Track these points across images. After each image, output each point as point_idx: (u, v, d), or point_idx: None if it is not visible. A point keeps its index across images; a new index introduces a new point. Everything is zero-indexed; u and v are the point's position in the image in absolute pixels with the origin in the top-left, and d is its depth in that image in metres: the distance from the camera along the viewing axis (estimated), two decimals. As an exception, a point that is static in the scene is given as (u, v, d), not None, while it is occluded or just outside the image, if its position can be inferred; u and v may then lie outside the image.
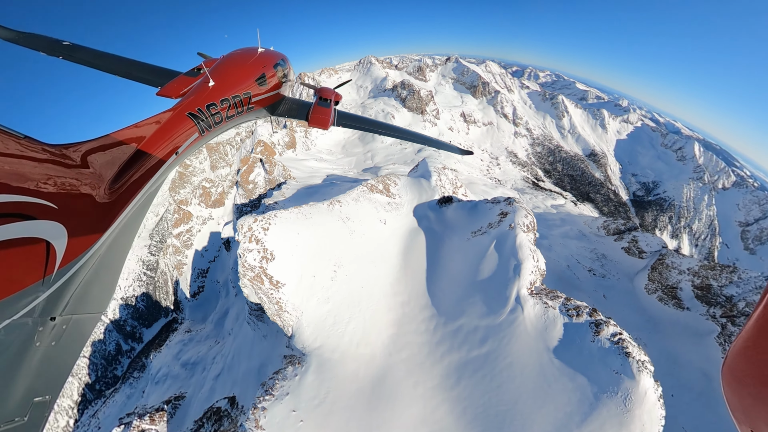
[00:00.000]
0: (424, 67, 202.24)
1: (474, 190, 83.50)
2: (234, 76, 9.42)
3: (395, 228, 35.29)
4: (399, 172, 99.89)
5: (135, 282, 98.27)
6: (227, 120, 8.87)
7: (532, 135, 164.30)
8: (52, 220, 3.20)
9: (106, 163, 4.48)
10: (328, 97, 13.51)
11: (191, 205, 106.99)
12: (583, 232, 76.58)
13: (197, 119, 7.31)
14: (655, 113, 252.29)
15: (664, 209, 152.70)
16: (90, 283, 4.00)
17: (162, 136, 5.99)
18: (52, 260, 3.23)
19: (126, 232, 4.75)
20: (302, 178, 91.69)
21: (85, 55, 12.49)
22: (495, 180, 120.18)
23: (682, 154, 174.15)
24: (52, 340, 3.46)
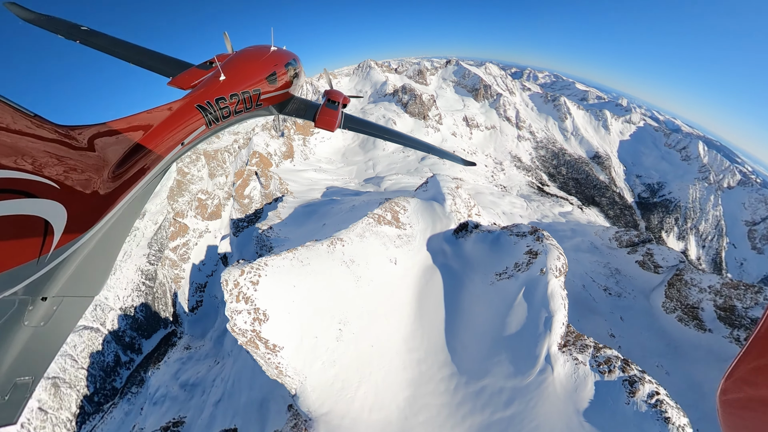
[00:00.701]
0: (424, 71, 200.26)
1: (482, 202, 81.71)
2: (245, 73, 9.46)
3: (407, 267, 32.28)
4: (403, 182, 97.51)
5: (134, 292, 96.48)
6: (235, 115, 8.92)
7: (535, 138, 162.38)
8: (53, 200, 3.20)
9: (112, 147, 4.51)
10: (337, 100, 13.61)
11: (187, 217, 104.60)
12: (594, 244, 74.78)
13: (205, 112, 7.37)
14: (655, 111, 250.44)
15: (670, 211, 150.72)
16: (85, 266, 3.97)
17: (170, 125, 6.00)
18: (49, 240, 3.20)
19: (125, 218, 4.75)
20: (300, 191, 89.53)
21: (102, 41, 12.66)
22: (500, 187, 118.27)
23: (686, 154, 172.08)
24: (42, 320, 3.46)
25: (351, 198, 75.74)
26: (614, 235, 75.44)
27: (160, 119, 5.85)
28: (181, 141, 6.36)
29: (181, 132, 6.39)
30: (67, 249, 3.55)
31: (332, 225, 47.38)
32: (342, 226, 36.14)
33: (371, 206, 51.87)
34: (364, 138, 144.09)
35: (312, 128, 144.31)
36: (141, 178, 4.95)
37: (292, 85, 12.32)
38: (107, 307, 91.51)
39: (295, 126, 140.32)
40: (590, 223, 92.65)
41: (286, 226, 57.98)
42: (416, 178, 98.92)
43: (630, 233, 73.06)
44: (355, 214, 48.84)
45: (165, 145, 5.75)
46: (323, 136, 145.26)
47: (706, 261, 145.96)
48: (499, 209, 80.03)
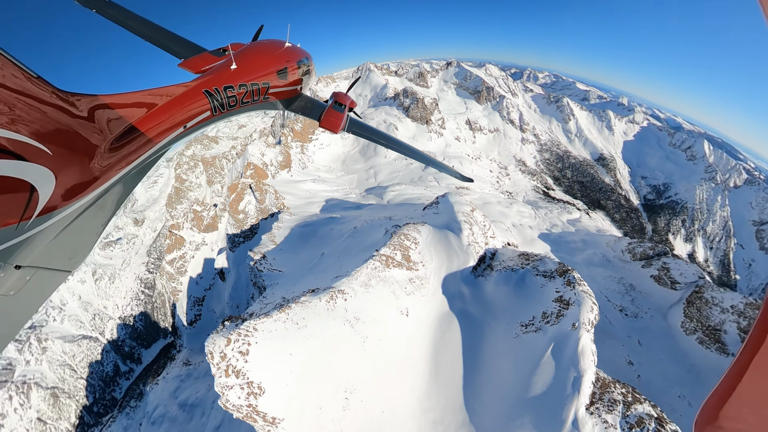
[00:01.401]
0: (425, 73, 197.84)
1: (490, 213, 79.82)
2: (256, 64, 9.40)
3: (421, 318, 29.08)
4: (407, 194, 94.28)
5: (133, 301, 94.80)
6: (241, 105, 8.83)
7: (539, 141, 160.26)
8: (43, 166, 3.06)
9: (113, 121, 4.40)
10: (344, 103, 13.58)
11: (183, 229, 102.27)
12: (607, 257, 72.95)
13: (212, 98, 7.30)
14: (656, 109, 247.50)
15: (677, 212, 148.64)
16: (66, 239, 3.77)
17: (175, 106, 5.95)
18: (32, 206, 3.06)
19: (116, 195, 4.58)
20: (298, 206, 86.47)
21: (117, 12, 12.47)
22: (507, 194, 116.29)
23: (691, 154, 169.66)
24: (11, 289, 3.27)
25: (352, 213, 73.00)
26: (627, 247, 73.57)
27: (165, 99, 5.77)
28: (183, 124, 6.28)
29: (185, 115, 6.30)
30: (50, 218, 3.38)
31: (332, 255, 44.37)
32: (343, 259, 33.64)
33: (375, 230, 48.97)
34: (364, 144, 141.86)
35: (310, 135, 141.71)
36: (138, 156, 4.81)
37: (301, 83, 12.31)
38: (106, 316, 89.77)
39: (292, 133, 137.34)
40: (600, 231, 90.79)
41: (281, 253, 54.03)
42: (420, 188, 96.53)
43: (644, 245, 71.20)
44: (358, 242, 45.94)
45: (167, 125, 5.63)
46: (322, 143, 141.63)
47: (714, 263, 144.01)
48: (508, 221, 78.02)
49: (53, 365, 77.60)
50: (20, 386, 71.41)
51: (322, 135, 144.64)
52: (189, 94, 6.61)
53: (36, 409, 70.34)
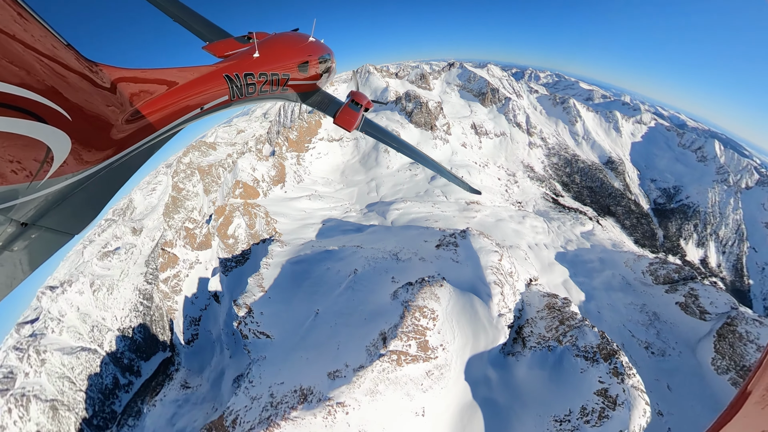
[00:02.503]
0: (427, 75, 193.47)
1: (505, 233, 76.44)
2: (279, 55, 9.54)
3: (439, 413, 25.03)
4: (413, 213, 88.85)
5: (132, 312, 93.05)
6: (260, 93, 8.84)
7: (547, 145, 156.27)
8: (61, 130, 3.16)
9: (134, 94, 4.50)
10: (360, 102, 13.63)
11: (176, 247, 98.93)
12: (627, 280, 69.65)
13: (232, 83, 7.34)
14: (658, 107, 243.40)
15: (689, 217, 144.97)
16: (74, 203, 3.88)
17: (195, 86, 6.05)
18: (46, 167, 3.17)
19: (127, 166, 4.64)
20: (291, 230, 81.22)
21: None
22: (517, 205, 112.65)
23: (702, 154, 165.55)
24: (15, 245, 3.36)
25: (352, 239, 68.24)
26: (648, 268, 70.23)
27: (186, 79, 5.88)
28: (201, 105, 6.38)
29: (204, 96, 6.39)
30: (62, 181, 3.48)
31: (327, 316, 40.07)
32: (341, 330, 29.68)
33: (379, 281, 44.44)
34: (365, 153, 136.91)
35: (307, 144, 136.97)
36: (153, 131, 4.94)
37: (321, 78, 12.22)
38: (105, 327, 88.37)
39: (287, 142, 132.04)
40: (616, 246, 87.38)
41: (270, 304, 48.29)
42: (427, 204, 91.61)
43: (667, 267, 67.79)
44: (358, 301, 41.07)
45: (184, 105, 5.74)
46: (320, 152, 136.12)
47: (727, 268, 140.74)
48: (524, 242, 74.67)
49: (52, 377, 77.01)
50: (19, 399, 70.81)
51: (319, 143, 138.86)
52: (209, 77, 6.62)
53: (35, 422, 69.66)
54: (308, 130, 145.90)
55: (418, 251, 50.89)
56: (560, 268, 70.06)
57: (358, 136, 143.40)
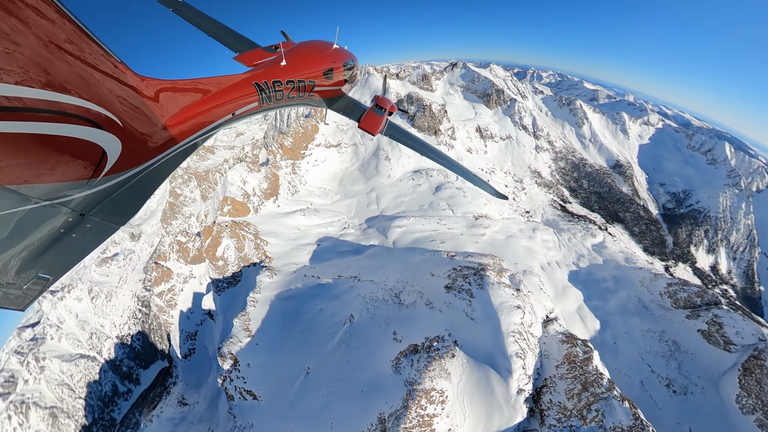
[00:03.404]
0: (429, 75, 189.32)
1: (516, 251, 73.37)
2: (305, 63, 9.95)
3: None
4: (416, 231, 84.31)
5: (130, 320, 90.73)
6: (287, 100, 9.35)
7: (554, 148, 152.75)
8: (114, 135, 3.75)
9: (174, 102, 5.05)
10: (384, 107, 13.97)
11: (170, 260, 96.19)
12: (643, 302, 66.84)
13: (261, 90, 7.89)
14: (662, 106, 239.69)
15: (700, 222, 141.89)
16: (121, 198, 4.45)
17: (227, 94, 6.61)
18: (101, 167, 3.76)
19: (167, 166, 5.24)
20: (283, 254, 75.68)
21: (189, 12, 14.79)
22: (525, 214, 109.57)
23: (712, 157, 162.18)
24: (74, 232, 3.99)
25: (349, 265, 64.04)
26: (666, 290, 67.33)
27: (219, 87, 6.43)
28: (232, 111, 6.91)
29: (235, 103, 6.93)
30: (113, 179, 4.06)
31: (319, 379, 36.47)
32: (333, 400, 26.47)
33: (378, 337, 40.77)
34: (364, 160, 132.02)
35: (303, 150, 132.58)
36: (190, 134, 5.52)
37: (345, 84, 12.85)
38: (103, 335, 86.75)
39: (282, 150, 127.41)
40: (629, 260, 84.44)
41: (258, 353, 43.55)
42: (432, 219, 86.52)
43: (688, 289, 64.78)
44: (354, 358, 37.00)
45: (218, 110, 6.29)
46: (316, 159, 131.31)
47: (737, 274, 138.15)
48: (536, 262, 71.76)
49: (51, 384, 76.30)
50: (19, 406, 70.61)
51: (316, 149, 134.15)
52: (240, 85, 7.14)
53: (35, 429, 69.37)
54: (304, 136, 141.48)
55: (424, 290, 46.72)
56: (574, 292, 67.23)
57: (357, 142, 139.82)
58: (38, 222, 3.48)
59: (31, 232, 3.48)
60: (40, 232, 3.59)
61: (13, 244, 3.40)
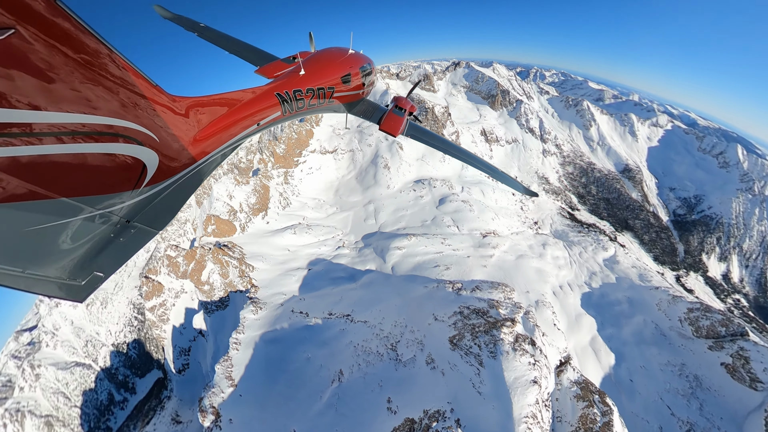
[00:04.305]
0: (430, 75, 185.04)
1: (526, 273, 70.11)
2: (323, 71, 10.43)
3: None
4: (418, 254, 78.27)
5: (126, 327, 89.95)
6: (309, 107, 9.85)
7: (561, 152, 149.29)
8: (152, 149, 4.33)
9: (203, 116, 5.68)
10: (404, 107, 14.26)
11: (160, 275, 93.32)
12: (661, 329, 64.01)
13: (283, 100, 8.49)
14: (668, 105, 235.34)
15: (712, 229, 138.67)
16: (159, 206, 5.09)
17: (251, 106, 7.18)
18: (142, 178, 4.36)
19: (199, 175, 5.92)
20: (270, 281, 70.16)
21: (211, 34, 16.61)
22: (534, 226, 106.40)
23: (724, 160, 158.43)
24: (122, 236, 4.66)
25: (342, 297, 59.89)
26: (687, 316, 64.40)
27: (243, 100, 6.98)
28: (257, 121, 7.50)
29: (259, 114, 7.52)
30: (152, 189, 4.67)
31: None
32: None
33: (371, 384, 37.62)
34: (362, 168, 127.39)
35: (296, 157, 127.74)
36: (219, 145, 6.13)
37: (363, 88, 13.25)
38: (99, 342, 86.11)
39: (273, 158, 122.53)
40: (643, 278, 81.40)
41: (240, 405, 40.16)
42: (436, 240, 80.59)
43: (711, 317, 61.70)
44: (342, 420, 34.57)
45: (243, 122, 6.86)
46: (311, 166, 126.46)
47: (750, 282, 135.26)
48: (548, 286, 68.69)
49: (47, 393, 75.95)
50: (14, 414, 70.55)
51: (310, 156, 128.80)
52: (263, 96, 7.71)
53: None
54: (298, 142, 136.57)
55: (425, 340, 42.55)
56: (588, 321, 64.31)
57: (354, 148, 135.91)
58: (93, 228, 4.14)
59: (87, 236, 4.14)
60: (95, 236, 4.25)
61: (74, 246, 4.09)
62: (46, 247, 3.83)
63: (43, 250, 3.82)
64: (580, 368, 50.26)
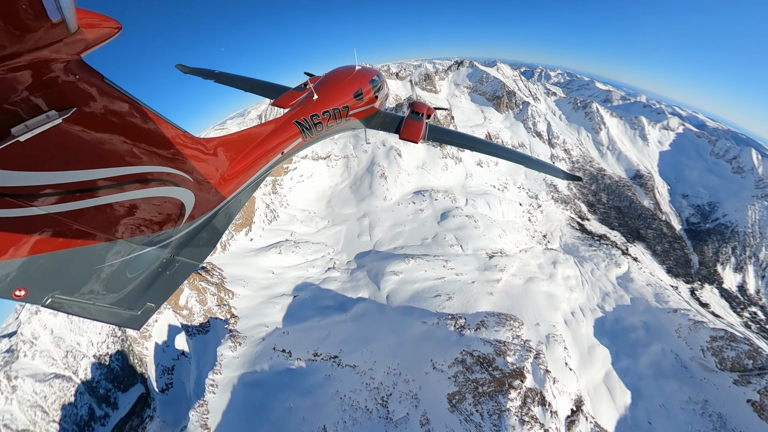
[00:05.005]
0: (432, 75, 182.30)
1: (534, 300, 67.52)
2: (334, 91, 11.10)
3: None
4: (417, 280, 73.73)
5: (109, 338, 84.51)
6: (327, 129, 10.61)
7: (570, 158, 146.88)
8: (188, 189, 5.04)
9: (230, 153, 6.32)
10: (421, 111, 14.55)
11: None
12: (681, 360, 61.73)
13: (302, 126, 9.18)
14: (675, 106, 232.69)
15: (727, 238, 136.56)
16: (198, 240, 5.84)
17: (273, 138, 7.98)
18: (182, 216, 5.11)
19: (233, 207, 6.67)
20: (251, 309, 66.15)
21: (227, 78, 18.54)
22: (543, 241, 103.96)
23: (738, 165, 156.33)
24: (167, 270, 5.38)
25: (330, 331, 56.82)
26: (710, 345, 62.08)
27: (265, 133, 7.81)
28: (281, 150, 8.25)
29: (282, 143, 8.28)
30: (191, 224, 5.42)
31: None
32: None
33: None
34: (356, 176, 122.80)
35: (286, 164, 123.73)
36: (247, 179, 6.83)
37: (377, 101, 14.00)
38: (80, 353, 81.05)
39: None
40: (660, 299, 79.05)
41: None
42: (437, 264, 75.31)
43: (737, 347, 59.35)
44: None
45: (268, 154, 7.66)
46: (301, 174, 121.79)
47: (767, 294, 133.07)
48: (559, 314, 66.16)
49: (23, 406, 71.53)
50: None
51: (302, 162, 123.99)
52: (283, 127, 8.51)
53: None
54: None
55: (420, 393, 39.45)
56: (601, 353, 61.87)
57: (348, 154, 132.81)
58: (144, 264, 4.82)
59: (140, 271, 4.80)
60: (146, 271, 4.93)
61: (130, 280, 4.73)
62: (109, 282, 4.55)
63: (107, 284, 4.54)
64: (593, 412, 48.08)
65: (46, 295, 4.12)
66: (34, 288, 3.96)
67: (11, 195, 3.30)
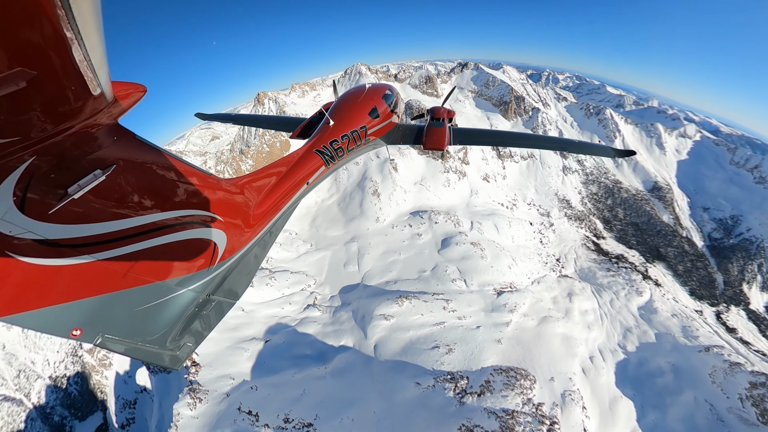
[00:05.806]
0: (433, 77, 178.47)
1: (549, 346, 62.59)
2: (349, 114, 11.52)
3: None
4: (411, 327, 64.41)
5: (68, 357, 78.41)
6: (348, 153, 10.75)
7: (584, 169, 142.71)
8: (219, 229, 5.39)
9: (256, 190, 6.75)
10: (441, 116, 14.50)
11: None
12: (717, 412, 57.35)
13: (323, 154, 9.39)
14: (688, 111, 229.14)
15: (752, 255, 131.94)
16: (232, 279, 6.14)
17: (296, 170, 8.24)
18: (215, 256, 5.41)
19: (263, 245, 7.03)
20: (216, 356, 58.24)
21: (245, 119, 22.75)
22: (557, 267, 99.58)
23: (759, 174, 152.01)
24: (203, 310, 5.64)
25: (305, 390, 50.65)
26: (749, 393, 57.83)
27: (288, 165, 8.12)
28: (305, 181, 8.48)
29: (306, 174, 8.53)
30: (224, 264, 5.72)
31: None
32: None
33: None
34: (346, 192, 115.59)
35: None
36: (275, 213, 7.18)
37: (393, 115, 13.91)
38: (33, 374, 74.41)
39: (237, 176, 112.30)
40: (687, 333, 74.81)
41: None
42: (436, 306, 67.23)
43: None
44: None
45: (293, 186, 7.92)
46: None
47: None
48: (576, 361, 61.48)
49: None
50: None
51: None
52: (305, 158, 8.80)
53: None
54: (270, 156, 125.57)
55: None
56: (625, 406, 57.43)
57: None
58: (182, 305, 5.18)
59: (178, 311, 5.15)
60: (184, 311, 5.24)
61: (169, 320, 5.06)
62: (150, 323, 4.90)
63: (148, 325, 4.88)
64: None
65: (97, 335, 4.45)
66: (87, 328, 4.33)
67: (69, 246, 3.75)
